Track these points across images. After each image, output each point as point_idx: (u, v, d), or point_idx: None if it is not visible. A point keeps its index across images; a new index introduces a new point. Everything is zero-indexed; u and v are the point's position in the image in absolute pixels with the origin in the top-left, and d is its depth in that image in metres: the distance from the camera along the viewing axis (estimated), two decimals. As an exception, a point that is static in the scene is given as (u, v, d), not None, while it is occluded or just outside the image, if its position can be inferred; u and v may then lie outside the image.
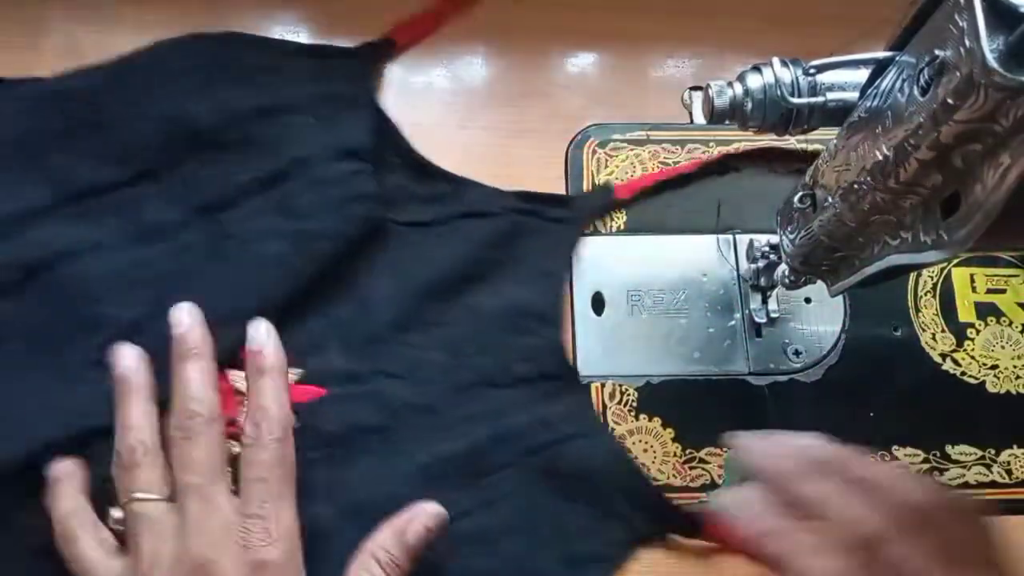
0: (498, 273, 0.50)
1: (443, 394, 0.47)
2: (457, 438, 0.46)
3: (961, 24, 0.26)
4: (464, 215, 0.52)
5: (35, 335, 0.45)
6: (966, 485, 0.49)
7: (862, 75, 0.35)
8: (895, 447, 0.50)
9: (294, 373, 0.47)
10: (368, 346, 0.48)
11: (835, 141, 0.37)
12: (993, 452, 0.50)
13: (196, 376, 0.41)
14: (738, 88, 0.37)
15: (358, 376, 0.47)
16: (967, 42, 0.26)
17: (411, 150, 0.53)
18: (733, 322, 0.52)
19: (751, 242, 0.51)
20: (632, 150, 0.55)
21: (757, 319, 0.51)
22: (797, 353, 0.51)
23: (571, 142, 0.56)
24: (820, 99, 0.36)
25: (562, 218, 0.52)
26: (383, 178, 0.52)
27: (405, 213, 0.51)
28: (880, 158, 0.32)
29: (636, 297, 0.52)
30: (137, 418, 0.40)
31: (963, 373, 0.52)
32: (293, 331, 0.47)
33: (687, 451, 0.49)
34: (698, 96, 0.40)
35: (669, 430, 0.49)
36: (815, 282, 0.45)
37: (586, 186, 0.55)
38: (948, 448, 0.50)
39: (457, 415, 0.47)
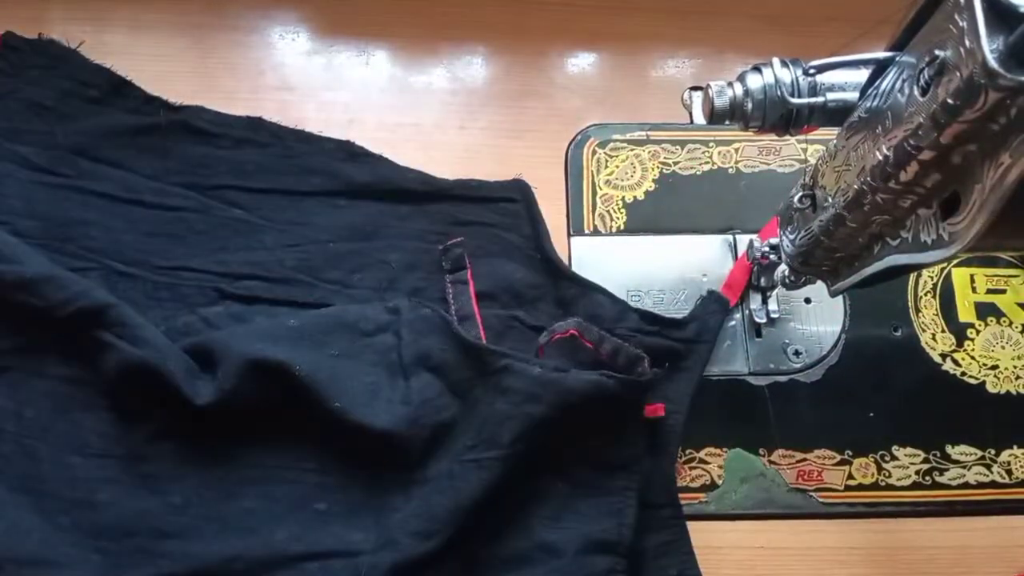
0: None
1: None
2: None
3: (961, 24, 0.26)
4: None
5: None
6: (966, 485, 0.49)
7: (862, 75, 0.35)
8: (895, 447, 0.50)
9: None
10: None
11: (835, 141, 0.37)
12: (993, 452, 0.50)
13: None
14: (738, 88, 0.37)
15: None
16: (967, 42, 0.26)
17: (551, 249, 0.52)
18: (733, 322, 0.52)
19: (751, 242, 0.51)
20: (632, 150, 0.55)
21: (757, 319, 0.51)
22: (797, 353, 0.51)
23: (571, 142, 0.56)
24: (820, 99, 0.36)
25: (688, 339, 0.50)
26: (518, 272, 0.51)
27: (535, 314, 0.50)
28: (880, 158, 0.32)
29: (636, 297, 0.52)
30: None
31: (963, 373, 0.52)
32: None
33: (687, 451, 0.49)
34: (698, 96, 0.40)
35: (669, 430, 0.49)
36: (815, 282, 0.45)
37: (586, 186, 0.55)
38: (948, 448, 0.50)
39: None
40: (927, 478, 0.49)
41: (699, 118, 0.40)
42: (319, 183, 0.53)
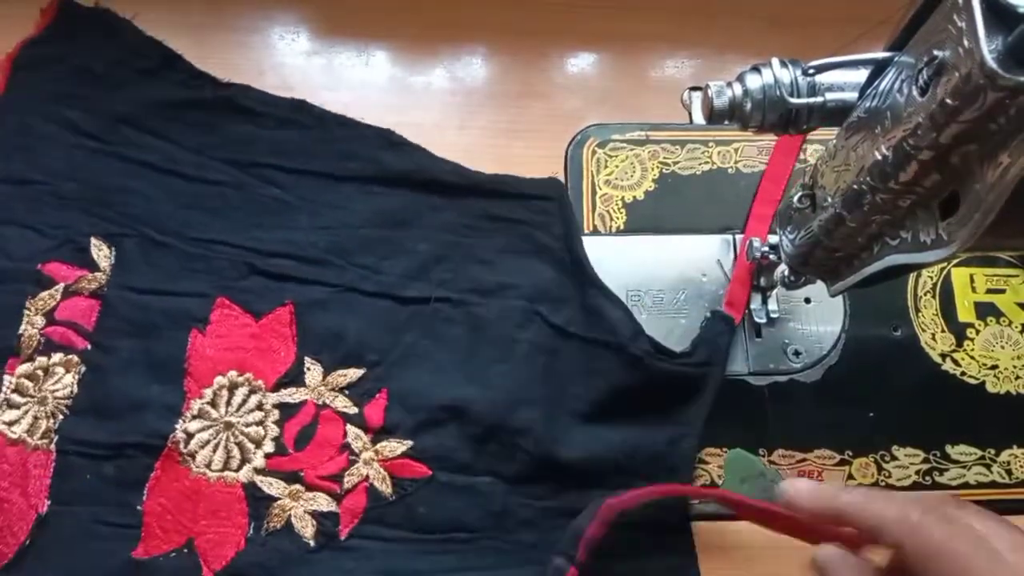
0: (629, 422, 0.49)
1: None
2: None
3: (960, 24, 0.26)
4: (602, 343, 0.49)
5: None
6: (966, 485, 0.49)
7: (861, 75, 0.35)
8: (895, 447, 0.50)
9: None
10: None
11: (834, 141, 0.37)
12: (993, 452, 0.50)
13: None
14: (737, 88, 0.37)
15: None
16: (966, 42, 0.26)
17: (582, 252, 0.51)
18: (733, 322, 0.52)
19: (751, 242, 0.51)
20: (632, 150, 0.55)
21: (757, 319, 0.51)
22: (797, 353, 0.51)
23: (571, 142, 0.56)
24: (819, 99, 0.36)
25: (700, 364, 0.49)
26: (547, 272, 0.51)
27: (557, 313, 0.50)
28: (879, 158, 0.32)
29: (636, 297, 0.52)
30: None
31: (963, 373, 0.51)
32: None
33: (687, 451, 0.49)
34: (697, 96, 0.40)
35: (669, 430, 0.49)
36: (815, 282, 0.45)
37: (585, 186, 0.55)
38: (948, 448, 0.50)
39: None
40: (927, 478, 0.49)
41: (698, 118, 0.40)
42: (356, 168, 0.54)
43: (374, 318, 0.50)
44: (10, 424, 0.46)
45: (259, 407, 0.48)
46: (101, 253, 0.50)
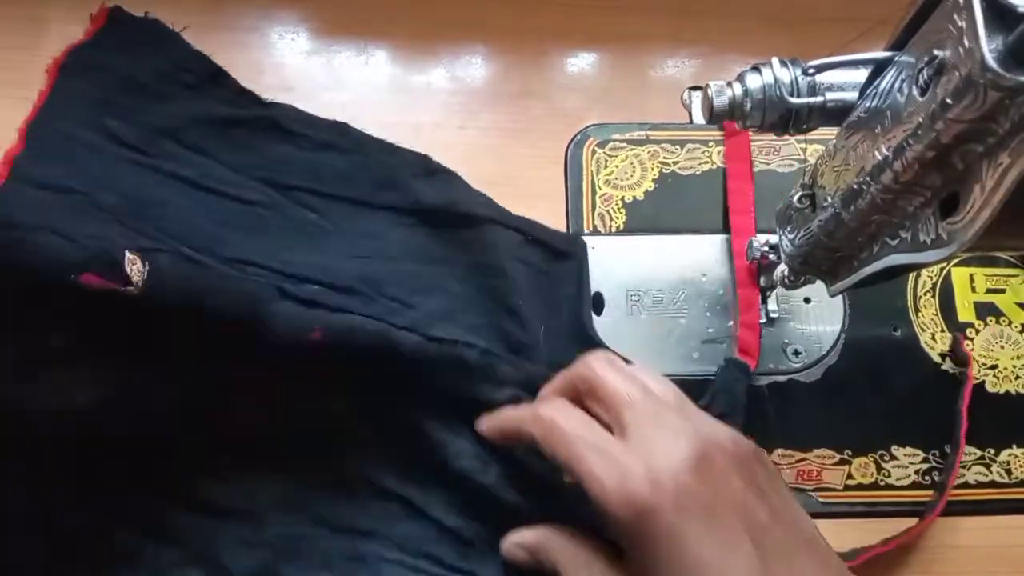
0: None
1: None
2: None
3: (960, 24, 0.26)
4: None
5: None
6: (965, 485, 0.49)
7: (861, 75, 0.35)
8: (895, 447, 0.50)
9: None
10: None
11: (834, 141, 0.37)
12: (993, 452, 0.50)
13: None
14: (737, 88, 0.37)
15: None
16: (966, 42, 0.26)
17: (590, 322, 0.51)
18: (731, 322, 0.52)
19: (750, 242, 0.51)
20: (632, 150, 0.56)
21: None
22: (797, 353, 0.51)
23: (571, 142, 0.56)
24: (819, 99, 0.36)
25: (720, 415, 0.47)
26: (562, 333, 0.50)
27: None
28: (879, 158, 0.32)
29: (635, 297, 0.52)
30: None
31: (962, 373, 0.51)
32: None
33: (687, 451, 0.49)
34: (697, 96, 0.40)
35: (669, 430, 0.49)
36: (815, 282, 0.45)
37: (585, 186, 0.55)
38: (948, 448, 0.50)
39: None
40: (927, 478, 0.49)
41: (699, 118, 0.40)
42: (392, 199, 0.52)
43: None
44: None
45: None
46: (135, 267, 0.49)
